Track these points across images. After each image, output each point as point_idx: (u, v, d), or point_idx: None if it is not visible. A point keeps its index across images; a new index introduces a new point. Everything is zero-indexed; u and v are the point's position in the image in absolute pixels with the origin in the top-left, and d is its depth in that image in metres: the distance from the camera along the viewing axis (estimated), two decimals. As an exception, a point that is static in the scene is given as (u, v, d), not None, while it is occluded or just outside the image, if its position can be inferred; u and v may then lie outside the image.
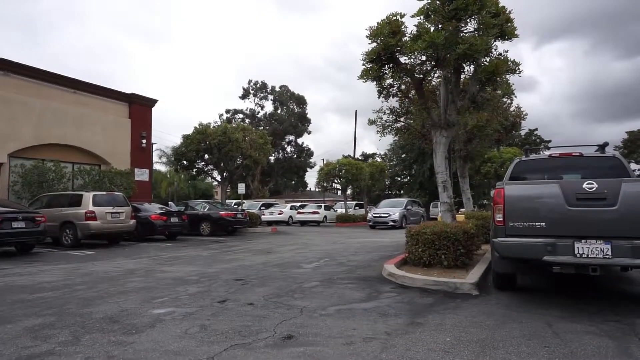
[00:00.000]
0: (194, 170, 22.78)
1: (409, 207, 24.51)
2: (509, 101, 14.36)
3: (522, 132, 37.63)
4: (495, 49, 8.60)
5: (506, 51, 9.15)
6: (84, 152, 19.31)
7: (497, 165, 21.76)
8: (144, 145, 21.92)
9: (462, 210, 15.02)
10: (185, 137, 21.16)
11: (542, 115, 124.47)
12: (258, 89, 54.29)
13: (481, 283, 6.22)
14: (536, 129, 48.87)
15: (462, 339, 3.86)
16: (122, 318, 4.66)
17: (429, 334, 4.04)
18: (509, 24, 8.21)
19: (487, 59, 8.65)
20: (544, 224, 5.03)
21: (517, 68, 9.80)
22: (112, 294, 6.01)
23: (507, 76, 9.97)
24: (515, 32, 8.30)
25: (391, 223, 22.37)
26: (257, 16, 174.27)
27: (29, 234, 11.21)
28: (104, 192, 14.52)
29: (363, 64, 8.47)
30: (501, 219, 5.31)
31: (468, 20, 7.93)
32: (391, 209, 23.57)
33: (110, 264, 9.24)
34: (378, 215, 23.17)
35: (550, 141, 48.42)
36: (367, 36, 8.22)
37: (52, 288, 6.47)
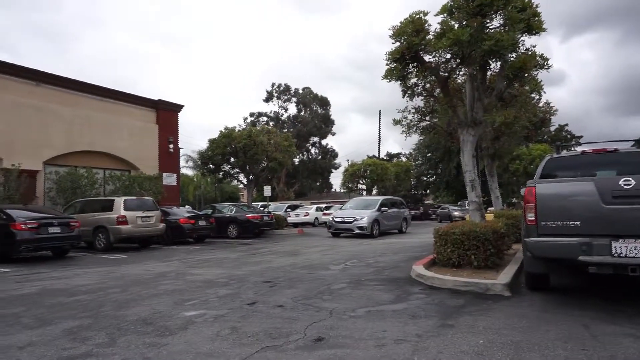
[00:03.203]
0: (220, 173, 23.11)
1: (384, 208, 18.59)
2: (538, 97, 13.99)
3: (552, 128, 36.61)
4: (522, 44, 8.42)
5: (534, 46, 8.95)
6: (114, 158, 19.85)
7: (527, 163, 21.29)
8: (171, 150, 22.36)
9: (490, 209, 14.72)
10: (211, 141, 21.51)
11: (572, 110, 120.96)
12: (281, 92, 54.64)
13: (513, 284, 6.09)
14: (566, 125, 47.59)
15: (495, 342, 3.79)
16: (155, 320, 4.76)
17: (461, 336, 3.98)
18: (536, 18, 8.01)
19: (514, 55, 8.47)
20: (578, 222, 4.88)
21: (545, 63, 9.54)
22: (144, 296, 6.15)
23: (536, 72, 9.73)
24: (543, 26, 8.09)
25: (357, 230, 17.18)
26: (277, 18, 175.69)
27: (64, 239, 11.62)
28: (134, 197, 14.87)
29: (387, 64, 8.43)
30: (533, 218, 5.18)
31: (493, 15, 7.78)
32: (359, 211, 18.15)
33: (142, 267, 9.46)
34: (340, 220, 17.96)
35: (581, 137, 47.13)
36: (390, 36, 8.17)
37: (88, 291, 6.67)
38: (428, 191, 53.27)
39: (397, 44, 8.14)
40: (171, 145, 22.30)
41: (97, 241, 13.52)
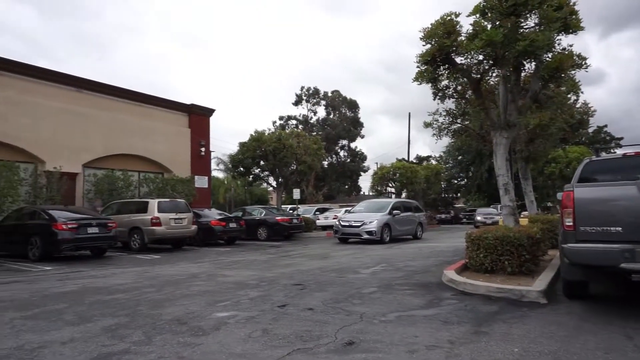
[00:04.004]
0: (251, 176, 23.43)
1: (395, 211, 17.05)
2: (575, 97, 13.54)
3: (590, 130, 35.29)
4: (558, 44, 8.20)
5: (570, 45, 8.70)
6: (148, 161, 20.40)
7: (563, 166, 20.63)
8: (202, 153, 22.81)
9: (524, 213, 14.33)
10: (242, 145, 21.88)
11: (612, 111, 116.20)
12: (311, 95, 54.89)
13: (549, 291, 5.91)
14: (605, 126, 45.66)
15: (531, 350, 3.69)
16: (189, 320, 4.87)
17: (495, 343, 3.89)
18: (574, 16, 7.78)
19: (550, 55, 8.25)
20: (620, 228, 4.70)
21: (583, 63, 9.25)
22: (178, 296, 6.30)
23: (573, 72, 9.44)
24: (581, 25, 7.84)
25: (365, 235, 15.83)
26: (307, 21, 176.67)
27: (102, 239, 12.06)
28: (168, 199, 15.23)
29: (417, 66, 8.36)
30: (571, 224, 5.02)
31: (528, 15, 7.60)
32: (369, 214, 16.76)
33: (175, 268, 9.69)
34: (347, 224, 16.56)
35: (622, 138, 45.19)
36: (421, 38, 8.10)
37: (124, 290, 6.89)
38: (459, 195, 52.36)
39: (428, 46, 8.06)
40: (203, 149, 22.75)
41: (132, 242, 13.94)
